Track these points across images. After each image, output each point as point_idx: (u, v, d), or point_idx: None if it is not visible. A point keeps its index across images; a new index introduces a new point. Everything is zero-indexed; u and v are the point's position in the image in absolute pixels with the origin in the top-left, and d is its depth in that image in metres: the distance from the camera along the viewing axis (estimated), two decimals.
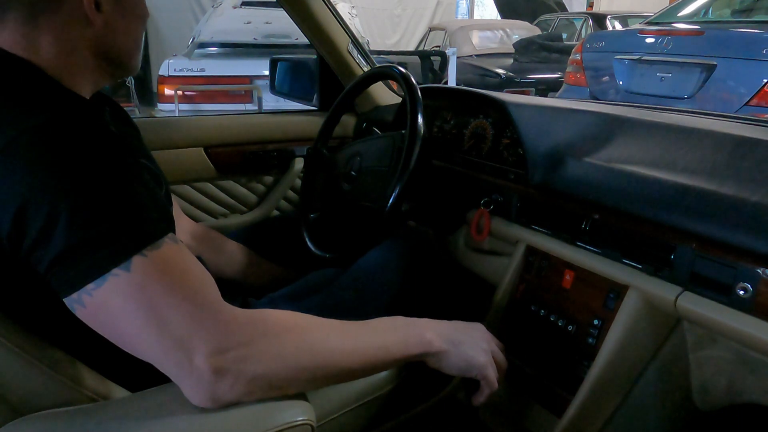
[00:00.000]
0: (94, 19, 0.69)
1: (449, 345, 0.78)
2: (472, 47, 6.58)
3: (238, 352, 0.58)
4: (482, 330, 0.84)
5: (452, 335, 0.79)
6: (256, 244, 1.23)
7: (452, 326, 0.81)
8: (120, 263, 0.55)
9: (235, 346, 0.58)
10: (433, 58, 3.97)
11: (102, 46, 0.72)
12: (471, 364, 0.79)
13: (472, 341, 0.81)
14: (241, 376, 0.58)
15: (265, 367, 0.60)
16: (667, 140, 0.90)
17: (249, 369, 0.58)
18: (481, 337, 0.83)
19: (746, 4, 3.64)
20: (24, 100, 0.61)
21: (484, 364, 0.80)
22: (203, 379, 0.57)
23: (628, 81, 3.39)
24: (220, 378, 0.57)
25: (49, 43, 0.67)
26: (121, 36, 0.73)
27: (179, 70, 4.07)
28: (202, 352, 0.56)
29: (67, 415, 0.61)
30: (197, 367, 0.56)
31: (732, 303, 0.71)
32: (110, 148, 0.60)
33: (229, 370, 0.57)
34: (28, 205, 0.55)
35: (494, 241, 1.12)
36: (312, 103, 1.67)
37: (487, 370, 0.80)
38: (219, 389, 0.57)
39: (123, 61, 0.76)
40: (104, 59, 0.73)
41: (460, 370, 0.79)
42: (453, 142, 1.27)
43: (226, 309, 0.60)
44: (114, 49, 0.73)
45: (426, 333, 0.76)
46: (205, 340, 0.57)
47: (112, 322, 0.57)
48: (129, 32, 0.75)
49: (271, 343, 0.61)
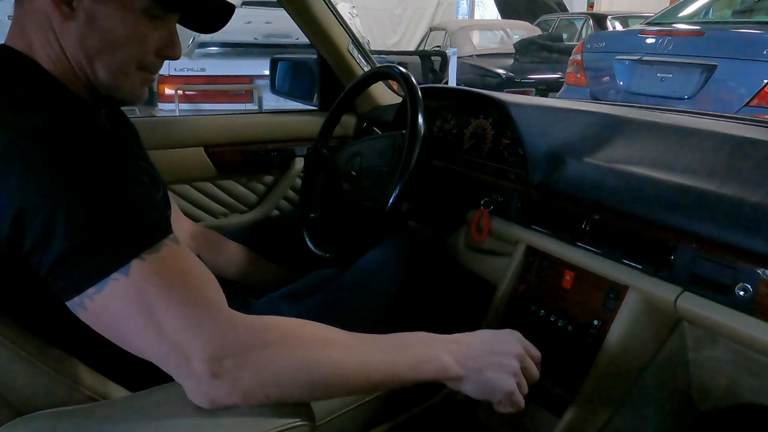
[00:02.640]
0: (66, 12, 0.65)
1: (468, 371, 0.69)
2: (473, 47, 6.58)
3: (235, 360, 0.57)
4: (514, 343, 0.74)
5: (474, 358, 0.71)
6: (256, 244, 1.23)
7: (476, 346, 0.72)
8: (119, 267, 0.55)
9: (232, 354, 0.57)
10: (433, 58, 3.98)
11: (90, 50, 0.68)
12: (494, 390, 0.71)
13: (498, 362, 0.71)
14: (237, 384, 0.57)
15: (261, 379, 0.58)
16: (667, 141, 0.91)
17: (245, 378, 0.57)
18: (511, 353, 0.72)
19: (747, 4, 3.64)
20: (22, 101, 0.61)
21: (510, 390, 0.70)
22: (201, 381, 0.56)
23: (629, 81, 3.38)
24: (217, 382, 0.56)
25: (35, 33, 0.66)
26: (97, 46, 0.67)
27: (179, 69, 4.06)
28: (199, 356, 0.56)
29: (67, 414, 0.61)
30: (195, 370, 0.56)
31: (732, 303, 0.71)
32: (107, 150, 0.60)
33: (226, 377, 0.57)
34: (26, 209, 0.55)
35: (494, 241, 1.12)
36: (312, 103, 1.67)
37: (513, 396, 0.71)
38: (217, 393, 0.57)
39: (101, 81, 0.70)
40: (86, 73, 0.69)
41: (482, 395, 0.71)
42: (453, 142, 1.27)
43: (226, 314, 0.59)
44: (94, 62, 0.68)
45: (443, 356, 0.69)
46: (202, 346, 0.56)
47: (114, 325, 0.57)
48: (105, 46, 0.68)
49: (268, 357, 0.59)
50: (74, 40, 0.67)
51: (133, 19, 0.68)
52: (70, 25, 0.66)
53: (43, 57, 0.67)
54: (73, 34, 0.67)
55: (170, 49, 0.73)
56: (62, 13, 0.65)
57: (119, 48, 0.69)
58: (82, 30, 0.66)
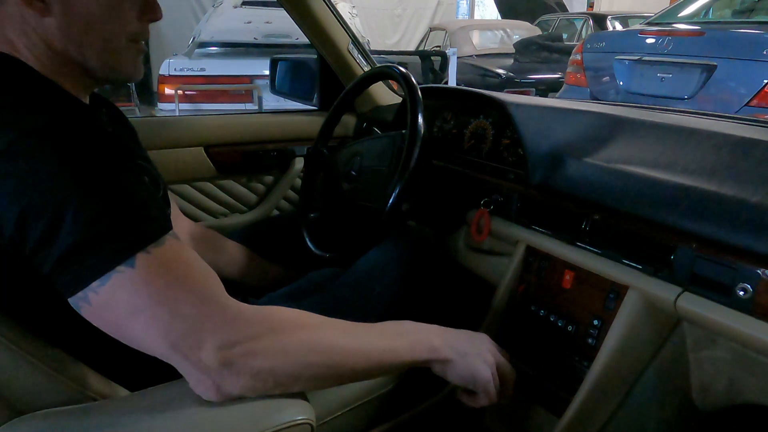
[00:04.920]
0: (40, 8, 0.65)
1: (455, 354, 0.77)
2: (473, 47, 6.59)
3: (245, 347, 0.58)
4: (487, 341, 0.83)
5: (458, 345, 0.78)
6: (256, 243, 1.23)
7: (459, 335, 0.80)
8: (124, 260, 0.56)
9: (243, 340, 0.58)
10: (433, 58, 3.97)
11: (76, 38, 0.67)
12: (474, 377, 0.78)
13: (477, 353, 0.79)
14: (246, 370, 0.58)
15: (272, 362, 0.60)
16: (667, 141, 0.91)
17: (255, 363, 0.59)
18: (486, 348, 0.81)
19: (747, 4, 3.64)
20: (22, 102, 0.61)
21: (487, 379, 0.79)
22: (210, 371, 0.57)
23: (629, 81, 3.39)
24: (226, 371, 0.57)
25: (17, 37, 0.66)
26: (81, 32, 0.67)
27: (179, 69, 4.07)
28: (209, 345, 0.57)
29: (67, 414, 0.61)
30: (204, 359, 0.57)
31: (732, 303, 0.71)
32: (109, 149, 0.61)
33: (236, 364, 0.58)
34: (30, 208, 0.55)
35: (494, 241, 1.12)
36: (312, 103, 1.67)
37: (489, 385, 0.79)
38: (225, 382, 0.58)
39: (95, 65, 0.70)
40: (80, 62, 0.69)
41: (462, 380, 0.79)
42: (453, 142, 1.27)
43: (232, 303, 0.60)
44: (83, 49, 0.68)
45: (433, 339, 0.76)
46: (213, 334, 0.57)
47: (118, 319, 0.57)
48: (88, 30, 0.67)
49: (278, 339, 0.61)
50: (57, 33, 0.66)
51: None
52: (49, 21, 0.65)
53: (30, 59, 0.67)
54: (54, 28, 0.66)
55: (151, 11, 0.73)
56: (37, 9, 0.64)
57: (103, 27, 0.68)
58: (61, 21, 0.66)
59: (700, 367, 0.82)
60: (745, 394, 0.77)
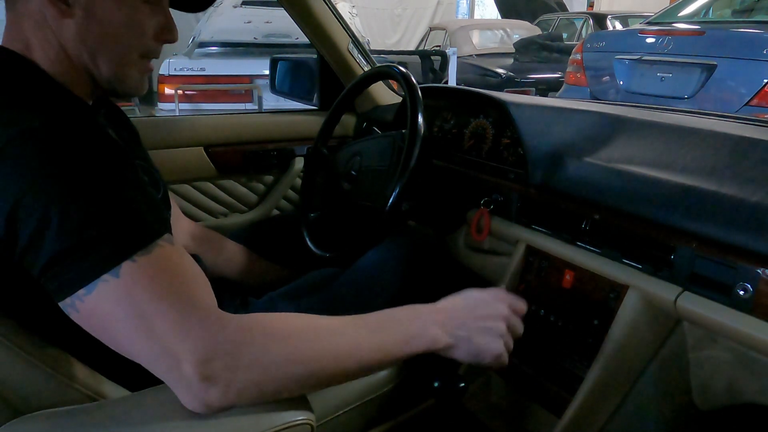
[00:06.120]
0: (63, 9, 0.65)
1: (456, 339, 0.72)
2: (473, 47, 6.58)
3: (226, 361, 0.56)
4: (499, 305, 0.77)
5: (461, 325, 0.73)
6: (256, 243, 1.23)
7: (462, 312, 0.74)
8: (109, 269, 0.55)
9: (222, 355, 0.56)
10: (433, 58, 3.98)
11: (91, 45, 0.68)
12: (483, 354, 0.74)
13: (485, 327, 0.74)
14: (231, 384, 0.57)
15: (254, 375, 0.58)
16: (667, 140, 0.90)
17: (238, 377, 0.57)
18: (497, 316, 0.75)
19: (747, 4, 3.64)
20: (22, 101, 0.61)
21: (497, 353, 0.74)
22: (193, 386, 0.56)
23: (629, 81, 3.38)
24: (209, 385, 0.56)
25: (33, 34, 0.66)
26: (97, 40, 0.67)
27: (179, 69, 4.06)
28: (189, 360, 0.55)
29: (66, 414, 0.61)
30: (186, 374, 0.55)
31: (732, 303, 0.71)
32: (104, 151, 0.60)
33: (218, 378, 0.56)
34: (19, 209, 0.55)
35: (494, 241, 1.12)
36: (312, 103, 1.67)
37: (500, 358, 0.75)
38: (209, 396, 0.56)
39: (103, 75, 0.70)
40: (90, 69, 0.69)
41: (471, 359, 0.74)
42: (453, 142, 1.27)
43: (215, 315, 0.58)
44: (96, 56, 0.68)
45: (430, 328, 0.71)
46: (192, 349, 0.55)
47: (105, 328, 0.57)
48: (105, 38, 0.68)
49: (260, 352, 0.59)
50: (74, 36, 0.67)
51: (130, 7, 0.68)
52: (69, 22, 0.66)
53: (41, 57, 0.67)
54: (73, 31, 0.66)
55: (168, 33, 0.74)
56: (59, 10, 0.65)
57: (120, 38, 0.69)
58: (81, 25, 0.66)
59: (700, 367, 0.82)
60: (745, 393, 0.77)
